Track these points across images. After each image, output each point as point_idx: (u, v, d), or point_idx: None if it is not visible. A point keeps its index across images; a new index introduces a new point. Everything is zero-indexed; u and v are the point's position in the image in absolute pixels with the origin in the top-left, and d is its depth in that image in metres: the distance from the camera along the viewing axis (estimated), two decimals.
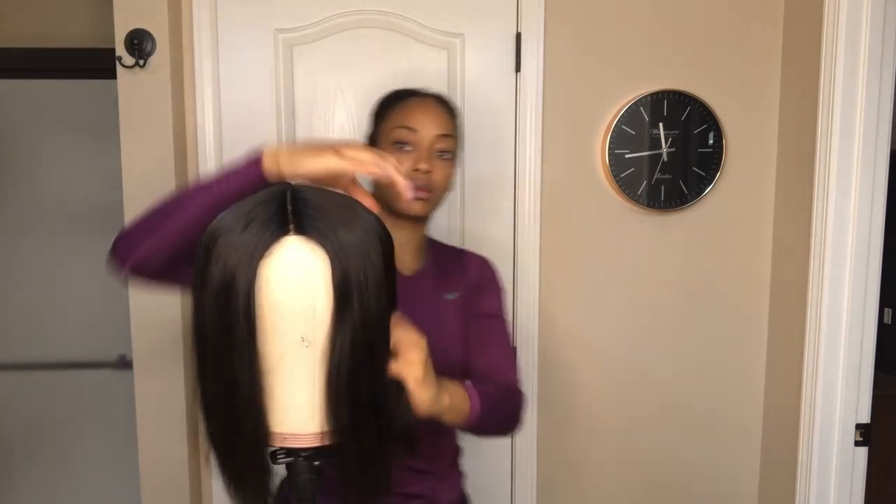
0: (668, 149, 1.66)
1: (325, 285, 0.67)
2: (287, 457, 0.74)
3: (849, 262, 1.48)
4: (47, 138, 1.95)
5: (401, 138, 1.14)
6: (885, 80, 1.44)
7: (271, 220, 0.67)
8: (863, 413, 1.52)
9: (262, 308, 0.66)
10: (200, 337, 0.69)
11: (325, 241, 0.67)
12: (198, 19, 1.57)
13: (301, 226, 0.67)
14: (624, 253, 1.71)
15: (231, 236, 0.66)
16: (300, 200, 0.69)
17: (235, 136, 1.62)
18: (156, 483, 1.64)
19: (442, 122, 1.15)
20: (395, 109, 1.17)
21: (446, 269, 1.23)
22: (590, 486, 1.76)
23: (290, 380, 0.69)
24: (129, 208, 1.57)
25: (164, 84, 1.54)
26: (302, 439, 0.71)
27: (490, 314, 1.21)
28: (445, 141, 1.14)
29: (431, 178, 1.13)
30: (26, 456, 2.05)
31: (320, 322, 0.68)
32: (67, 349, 2.01)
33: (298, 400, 0.70)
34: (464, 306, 1.20)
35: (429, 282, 1.21)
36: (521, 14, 1.62)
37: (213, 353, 0.68)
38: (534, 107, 1.64)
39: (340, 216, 0.68)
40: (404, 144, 1.14)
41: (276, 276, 0.66)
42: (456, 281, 1.22)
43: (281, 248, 0.66)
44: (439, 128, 1.14)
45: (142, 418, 1.62)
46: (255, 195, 0.71)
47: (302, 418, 0.70)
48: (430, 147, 1.13)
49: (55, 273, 2.00)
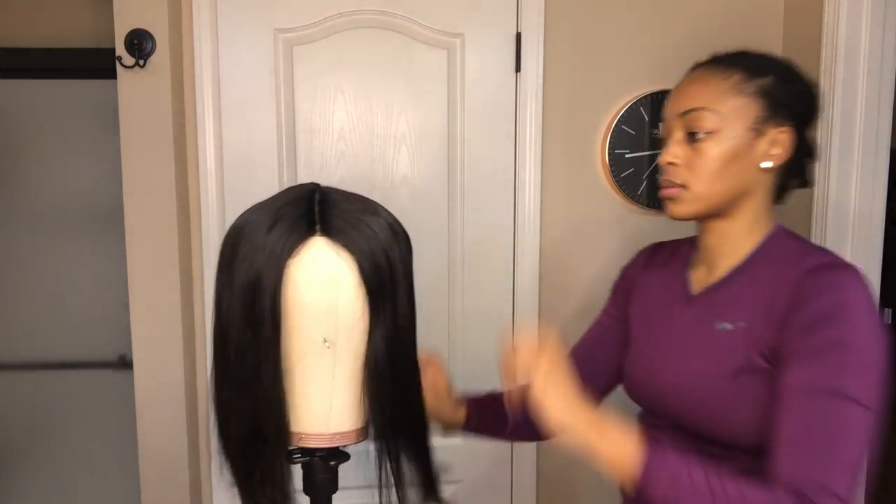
0: None
1: (349, 287, 0.68)
2: (303, 456, 0.74)
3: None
4: (47, 138, 1.95)
5: (661, 132, 0.96)
6: (885, 80, 1.44)
7: (298, 221, 0.67)
8: None
9: (286, 308, 0.67)
10: (221, 334, 0.69)
11: (350, 242, 0.67)
12: (198, 19, 1.57)
13: (327, 227, 0.67)
14: (624, 253, 1.70)
15: (258, 235, 0.66)
16: (326, 202, 0.69)
17: (235, 136, 1.62)
18: (156, 483, 1.64)
19: (687, 96, 0.90)
20: None
21: (746, 285, 0.90)
22: (590, 480, 1.76)
23: (310, 380, 0.70)
24: (129, 208, 1.57)
25: (164, 84, 1.54)
26: (319, 439, 0.71)
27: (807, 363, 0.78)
28: (693, 117, 0.88)
29: (679, 170, 0.90)
30: (26, 456, 2.05)
31: (342, 323, 0.68)
32: (67, 349, 2.01)
33: (316, 400, 0.71)
34: (747, 345, 0.85)
35: (709, 304, 0.92)
36: (521, 14, 1.62)
37: (236, 351, 0.68)
38: (534, 107, 1.64)
39: (364, 218, 0.69)
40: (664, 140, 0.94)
41: (303, 277, 0.67)
42: (747, 302, 0.87)
43: (307, 249, 0.67)
44: (681, 104, 0.90)
45: (142, 418, 1.62)
46: (281, 194, 0.71)
47: (320, 418, 0.71)
48: (675, 133, 0.91)
49: (55, 273, 2.00)
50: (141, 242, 1.58)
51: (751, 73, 0.89)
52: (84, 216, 1.98)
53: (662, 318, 0.99)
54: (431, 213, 1.66)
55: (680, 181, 0.90)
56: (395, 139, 1.64)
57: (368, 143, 1.64)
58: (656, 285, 1.04)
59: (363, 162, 1.65)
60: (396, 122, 1.64)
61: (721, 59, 0.93)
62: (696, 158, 0.88)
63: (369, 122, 1.64)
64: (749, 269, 0.91)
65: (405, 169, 1.65)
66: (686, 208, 0.90)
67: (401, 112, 1.64)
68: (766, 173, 0.90)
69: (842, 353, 0.77)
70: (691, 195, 0.89)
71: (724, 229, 0.92)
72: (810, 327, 0.79)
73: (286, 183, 1.63)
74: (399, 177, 1.66)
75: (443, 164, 1.66)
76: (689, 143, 0.89)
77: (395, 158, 1.65)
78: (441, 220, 1.67)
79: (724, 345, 0.87)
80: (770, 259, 0.90)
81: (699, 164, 0.88)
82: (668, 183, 0.91)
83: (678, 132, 0.91)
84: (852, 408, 0.75)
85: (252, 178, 1.62)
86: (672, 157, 0.90)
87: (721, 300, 0.91)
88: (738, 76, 0.89)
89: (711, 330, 0.89)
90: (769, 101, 0.88)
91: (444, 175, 1.66)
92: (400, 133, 1.64)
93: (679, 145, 0.90)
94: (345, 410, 0.72)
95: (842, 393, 0.76)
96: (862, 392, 0.76)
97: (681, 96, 0.92)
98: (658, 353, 0.97)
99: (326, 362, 0.69)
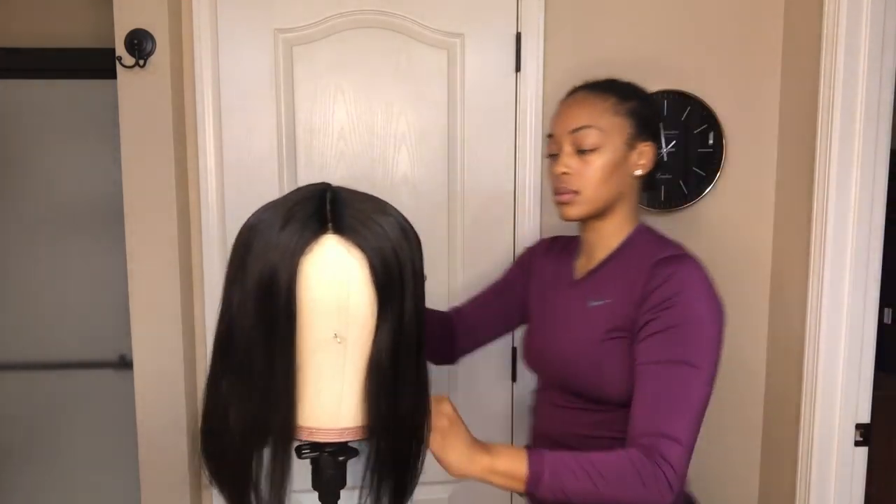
0: (668, 149, 1.66)
1: (360, 283, 0.68)
2: (312, 451, 0.75)
3: (849, 262, 1.48)
4: (47, 138, 1.95)
5: (549, 149, 1.13)
6: (885, 80, 1.44)
7: (311, 219, 0.68)
8: (863, 413, 1.52)
9: (299, 304, 0.68)
10: (229, 329, 0.70)
11: (361, 240, 0.69)
12: (198, 19, 1.57)
13: (338, 225, 0.69)
14: None
15: (271, 233, 0.67)
16: (337, 201, 0.71)
17: (235, 136, 1.62)
18: (156, 483, 1.64)
19: (575, 116, 1.07)
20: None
21: (613, 271, 1.09)
22: None
23: (320, 375, 0.71)
24: (129, 208, 1.57)
25: (164, 84, 1.54)
26: (328, 434, 0.72)
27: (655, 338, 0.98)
28: (581, 134, 1.05)
29: (572, 179, 1.06)
30: (26, 456, 2.05)
31: (353, 320, 0.69)
32: (67, 349, 2.01)
33: (326, 395, 0.71)
34: (613, 317, 1.04)
35: (586, 286, 1.12)
36: (521, 14, 1.62)
37: (246, 346, 0.68)
38: (534, 107, 1.64)
39: (375, 217, 0.70)
40: (553, 154, 1.11)
41: (315, 274, 0.68)
42: (613, 285, 1.07)
43: (320, 247, 0.68)
44: (571, 123, 1.07)
45: (142, 418, 1.62)
46: (292, 193, 0.73)
47: (329, 414, 0.72)
48: (566, 147, 1.07)
49: (55, 273, 2.00)
50: (141, 242, 1.58)
51: (622, 96, 1.08)
52: (84, 216, 1.98)
53: (552, 298, 1.18)
54: (431, 212, 1.66)
55: (574, 188, 1.06)
56: (395, 139, 1.64)
57: (368, 143, 1.64)
58: (550, 271, 1.23)
59: (363, 162, 1.65)
60: (396, 122, 1.64)
61: (597, 86, 1.11)
62: (586, 169, 1.06)
63: (369, 122, 1.64)
64: (616, 258, 1.10)
65: (405, 169, 1.65)
66: (578, 210, 1.08)
67: (401, 112, 1.64)
68: (635, 180, 1.10)
69: (682, 329, 0.96)
70: (583, 199, 1.07)
71: (601, 227, 1.11)
72: (659, 309, 0.98)
73: (286, 183, 1.63)
74: (399, 177, 1.66)
75: (443, 164, 1.66)
76: (579, 156, 1.06)
77: (395, 158, 1.65)
78: (441, 220, 1.67)
79: (594, 318, 1.06)
80: (632, 251, 1.09)
81: (588, 173, 1.05)
82: (564, 189, 1.08)
83: (568, 146, 1.07)
84: (691, 372, 0.95)
85: (252, 179, 1.62)
86: (566, 167, 1.07)
87: (594, 283, 1.11)
88: (613, 99, 1.07)
89: (585, 307, 1.08)
90: (637, 120, 1.08)
91: (444, 175, 1.66)
92: (400, 133, 1.64)
93: (570, 158, 1.07)
94: (354, 406, 0.72)
95: (683, 360, 0.95)
96: (700, 359, 0.96)
97: (569, 116, 1.08)
98: (549, 327, 1.16)
99: (337, 358, 0.70)
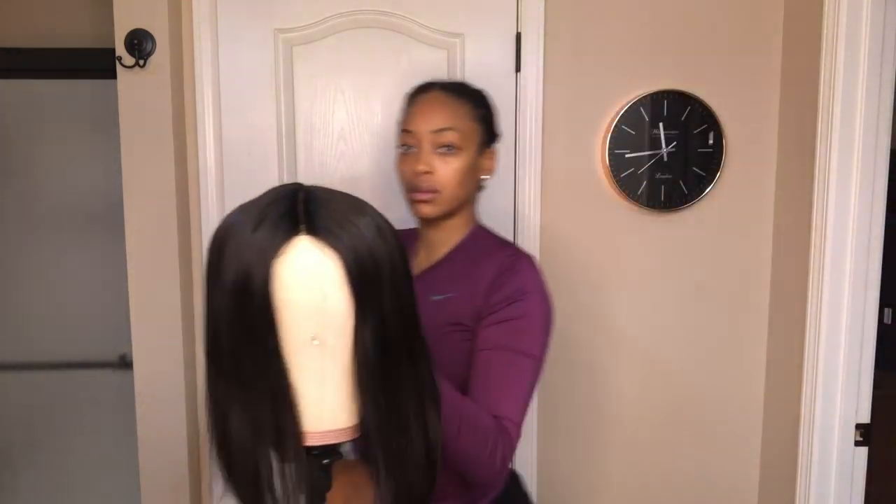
0: (668, 149, 1.66)
1: (336, 284, 0.67)
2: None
3: (849, 262, 1.48)
4: (47, 138, 1.95)
5: (404, 142, 1.14)
6: (885, 80, 1.44)
7: (283, 220, 0.67)
8: (863, 413, 1.52)
9: (276, 307, 0.67)
10: (215, 335, 0.69)
11: (335, 240, 0.67)
12: (198, 19, 1.57)
13: (312, 226, 0.67)
14: (624, 253, 1.71)
15: (243, 235, 0.66)
16: (311, 200, 0.69)
17: (235, 136, 1.62)
18: (156, 483, 1.64)
19: (438, 116, 1.10)
20: (405, 110, 1.17)
21: (456, 267, 1.14)
22: (588, 484, 1.76)
23: (301, 378, 0.70)
24: (129, 208, 1.57)
25: (164, 84, 1.54)
26: (312, 437, 0.71)
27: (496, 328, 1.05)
28: (444, 135, 1.09)
29: (433, 178, 1.10)
30: (26, 456, 2.05)
31: (331, 321, 0.68)
32: (67, 349, 2.01)
33: (309, 398, 0.70)
34: (454, 311, 1.09)
35: (427, 281, 1.15)
36: (521, 14, 1.62)
37: (231, 351, 0.68)
38: (534, 107, 1.64)
39: (350, 215, 0.69)
40: (409, 147, 1.13)
41: (289, 276, 0.66)
42: (454, 281, 1.12)
43: (293, 248, 0.67)
44: (434, 123, 1.10)
45: (142, 418, 1.62)
46: (264, 195, 0.71)
47: (312, 416, 0.71)
48: (426, 146, 1.10)
49: (55, 273, 2.00)
50: (141, 242, 1.58)
51: (475, 103, 1.14)
52: (84, 216, 1.98)
53: None
54: None
55: (436, 187, 1.10)
56: (395, 139, 1.64)
57: (368, 143, 1.64)
58: None
59: (363, 162, 1.65)
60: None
61: (452, 88, 1.15)
62: (446, 168, 1.10)
63: (369, 122, 1.64)
64: (456, 256, 1.15)
65: None
66: (437, 209, 1.11)
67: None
68: (480, 182, 1.17)
69: (518, 321, 1.04)
70: (443, 199, 1.11)
71: (446, 226, 1.16)
72: (499, 303, 1.05)
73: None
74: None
75: None
76: (439, 156, 1.10)
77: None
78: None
79: (436, 311, 1.09)
80: (471, 249, 1.15)
81: (448, 174, 1.10)
82: (424, 188, 1.10)
83: (428, 145, 1.10)
84: (523, 359, 1.03)
85: (252, 179, 1.62)
86: (427, 166, 1.10)
87: (435, 279, 1.15)
88: (469, 104, 1.13)
89: (427, 301, 1.09)
90: (486, 126, 1.15)
91: None
92: None
93: (432, 157, 1.10)
94: (337, 408, 0.71)
95: (516, 349, 1.03)
96: (531, 348, 1.04)
97: (431, 115, 1.11)
98: None
99: (317, 360, 0.69)
